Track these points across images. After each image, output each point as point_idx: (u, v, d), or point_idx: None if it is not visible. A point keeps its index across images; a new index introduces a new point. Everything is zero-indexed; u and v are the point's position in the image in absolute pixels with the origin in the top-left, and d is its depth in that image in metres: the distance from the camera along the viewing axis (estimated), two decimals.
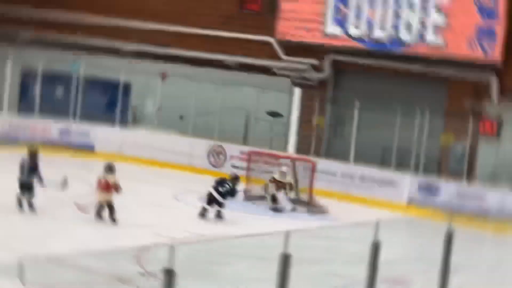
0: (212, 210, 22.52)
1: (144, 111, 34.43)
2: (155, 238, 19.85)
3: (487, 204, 26.42)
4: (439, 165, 29.58)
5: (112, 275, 15.11)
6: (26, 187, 20.02)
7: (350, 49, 31.13)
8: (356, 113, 29.84)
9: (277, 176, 26.08)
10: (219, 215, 22.58)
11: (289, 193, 25.94)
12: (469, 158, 28.28)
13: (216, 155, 30.74)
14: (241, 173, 28.68)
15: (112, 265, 16.09)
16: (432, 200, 27.56)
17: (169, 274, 6.38)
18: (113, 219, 20.16)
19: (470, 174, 28.39)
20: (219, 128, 31.81)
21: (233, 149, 30.62)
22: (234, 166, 30.16)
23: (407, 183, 28.08)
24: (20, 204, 20.05)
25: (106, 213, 20.25)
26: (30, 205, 20.09)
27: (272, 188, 25.75)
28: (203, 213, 22.51)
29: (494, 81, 28.69)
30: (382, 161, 30.20)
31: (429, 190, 27.77)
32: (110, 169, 20.74)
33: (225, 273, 17.55)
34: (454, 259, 9.53)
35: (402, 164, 29.38)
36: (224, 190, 22.72)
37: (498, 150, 28.56)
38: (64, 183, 20.47)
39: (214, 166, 30.82)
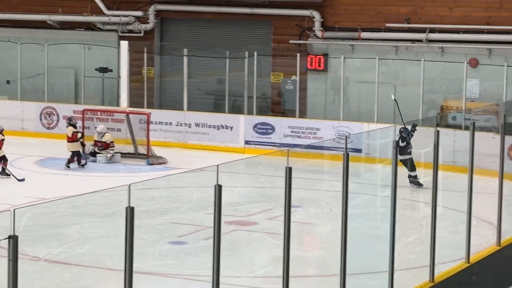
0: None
1: None
2: None
3: (321, 136, 27.02)
4: (271, 104, 29.98)
5: None
6: None
7: None
8: (185, 60, 29.83)
9: (95, 137, 26.13)
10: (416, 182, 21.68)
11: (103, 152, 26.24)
12: (300, 94, 28.74)
13: (48, 117, 30.24)
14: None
15: None
16: (268, 138, 27.97)
17: (13, 241, 6.29)
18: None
19: (302, 110, 28.88)
20: (48, 89, 31.28)
21: (65, 109, 30.17)
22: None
23: (242, 125, 28.38)
24: None
25: None
26: None
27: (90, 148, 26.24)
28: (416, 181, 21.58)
29: (316, 17, 29.17)
30: (216, 106, 30.40)
31: (264, 129, 28.16)
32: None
33: (71, 233, 17.44)
34: (296, 194, 9.70)
35: (235, 107, 29.64)
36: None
37: (327, 83, 29.18)
38: None
39: (47, 128, 30.35)
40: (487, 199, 15.78)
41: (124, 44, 30.35)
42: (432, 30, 27.86)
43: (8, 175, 22.99)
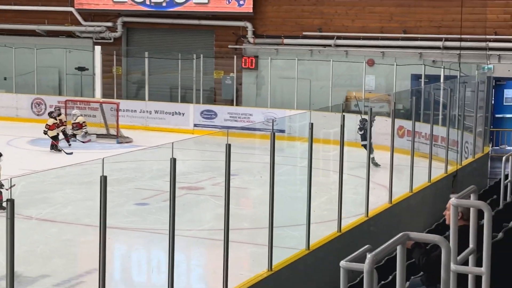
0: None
1: None
2: None
3: (253, 120, 27.10)
4: (214, 95, 29.94)
5: None
6: None
7: (136, 11, 30.74)
8: (146, 61, 29.67)
9: (71, 120, 25.96)
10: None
11: (75, 130, 25.89)
12: (236, 88, 28.76)
13: (38, 106, 29.86)
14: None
15: None
16: (212, 122, 27.95)
17: (10, 203, 6.20)
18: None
19: (238, 99, 28.92)
20: (37, 84, 30.90)
21: (51, 100, 29.84)
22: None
23: (191, 112, 28.30)
24: None
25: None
26: None
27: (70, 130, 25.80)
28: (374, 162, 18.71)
29: (249, 27, 29.15)
30: (171, 97, 30.25)
31: (209, 115, 28.11)
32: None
33: (57, 197, 17.26)
34: (234, 165, 9.69)
35: (186, 98, 29.53)
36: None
37: (257, 79, 29.19)
38: None
39: (37, 114, 29.99)
40: (382, 168, 15.96)
41: (98, 49, 30.04)
42: (339, 37, 28.00)
43: (60, 150, 23.33)
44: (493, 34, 25.78)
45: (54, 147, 23.66)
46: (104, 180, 7.33)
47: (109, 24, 31.38)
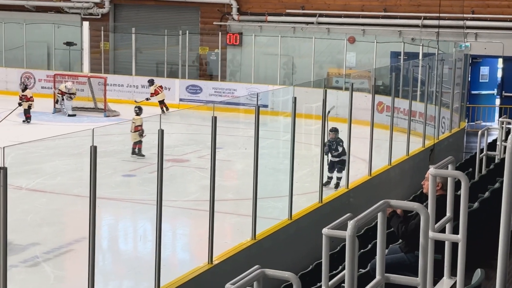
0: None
1: None
2: None
3: (237, 95, 27.05)
4: (199, 71, 29.84)
5: None
6: None
7: None
8: (133, 37, 29.48)
9: (62, 88, 25.80)
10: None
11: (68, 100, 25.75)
12: (221, 63, 28.67)
13: (27, 79, 29.63)
14: (48, 92, 27.97)
15: None
16: (197, 97, 27.87)
17: (4, 172, 6.16)
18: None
19: (223, 75, 28.84)
20: (26, 59, 30.66)
21: (40, 74, 29.68)
22: (43, 87, 29.31)
23: (177, 86, 28.20)
24: None
25: None
26: None
27: (60, 98, 25.79)
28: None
29: (233, 4, 29.00)
30: (157, 72, 30.12)
31: (194, 90, 28.02)
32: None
33: (46, 168, 17.21)
34: (219, 138, 9.70)
35: (172, 73, 29.41)
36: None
37: (242, 55, 29.11)
38: None
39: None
40: (361, 142, 16.01)
41: (86, 24, 29.85)
42: (321, 15, 27.94)
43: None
44: (470, 13, 25.81)
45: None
46: (94, 150, 7.31)
47: (97, 0, 31.12)
